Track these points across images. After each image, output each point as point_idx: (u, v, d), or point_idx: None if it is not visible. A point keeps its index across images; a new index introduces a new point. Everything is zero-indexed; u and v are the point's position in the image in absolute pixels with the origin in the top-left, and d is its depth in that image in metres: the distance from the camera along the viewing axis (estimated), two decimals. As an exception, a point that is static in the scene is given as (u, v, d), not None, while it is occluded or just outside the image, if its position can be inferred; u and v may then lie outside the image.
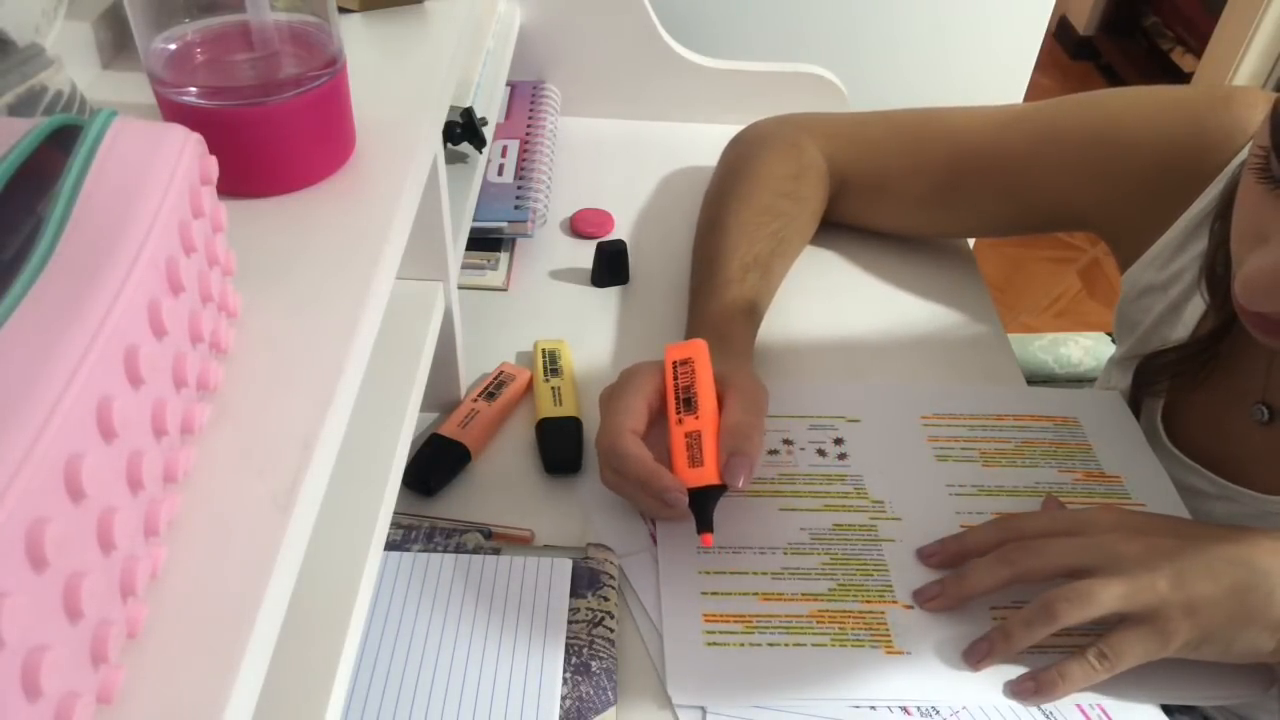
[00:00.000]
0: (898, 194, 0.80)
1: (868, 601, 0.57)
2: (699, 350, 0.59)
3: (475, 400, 0.67)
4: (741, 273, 0.72)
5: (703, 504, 0.55)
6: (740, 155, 0.82)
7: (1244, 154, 0.63)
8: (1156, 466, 0.66)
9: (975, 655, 0.54)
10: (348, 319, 0.36)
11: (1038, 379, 0.99)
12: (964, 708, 0.52)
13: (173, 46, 0.40)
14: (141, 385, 0.25)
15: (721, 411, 0.58)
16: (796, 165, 0.79)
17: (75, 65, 0.45)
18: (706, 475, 0.55)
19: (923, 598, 0.57)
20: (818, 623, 0.56)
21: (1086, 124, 0.71)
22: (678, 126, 1.02)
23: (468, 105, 0.73)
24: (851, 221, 0.84)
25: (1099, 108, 0.71)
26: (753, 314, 0.70)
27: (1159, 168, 0.67)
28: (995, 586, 0.55)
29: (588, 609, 0.55)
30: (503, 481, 0.64)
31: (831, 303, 0.80)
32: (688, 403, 0.57)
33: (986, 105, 0.78)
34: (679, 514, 0.56)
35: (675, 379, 0.59)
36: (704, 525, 0.55)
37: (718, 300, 0.70)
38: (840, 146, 0.80)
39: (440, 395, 0.67)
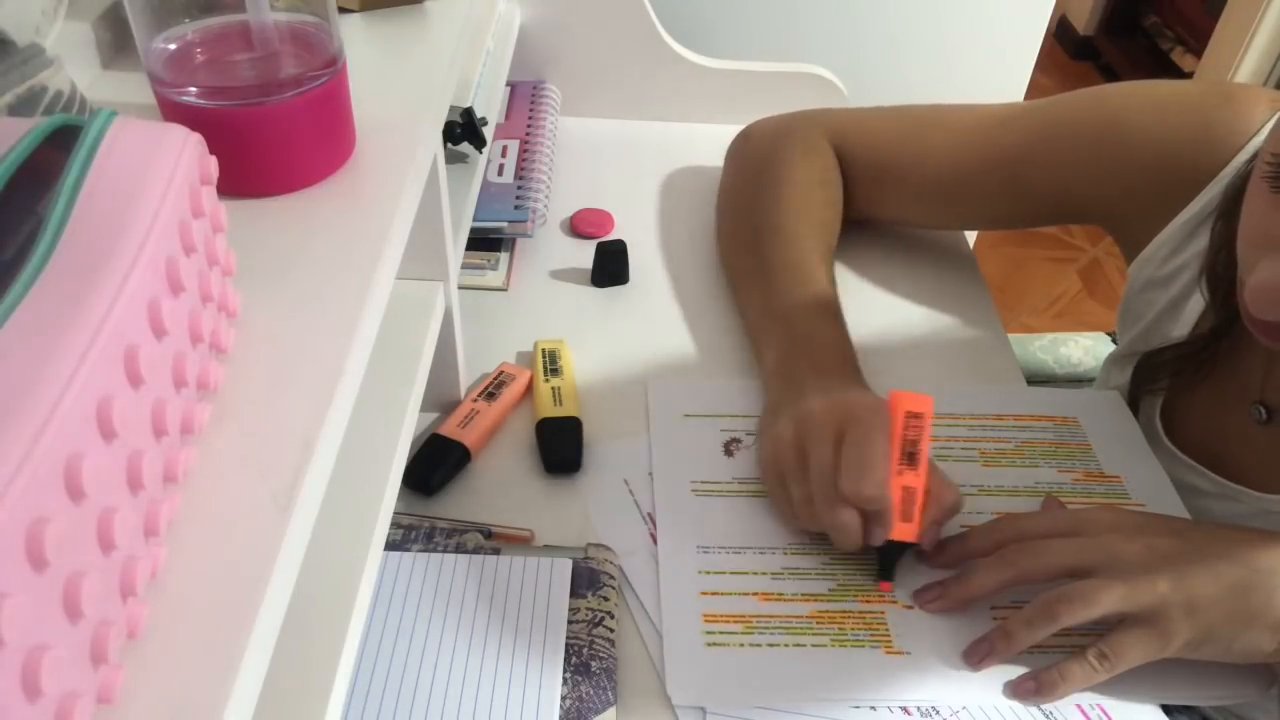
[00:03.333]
0: (899, 185, 0.80)
1: (867, 601, 0.57)
2: (929, 407, 0.59)
3: (475, 400, 0.67)
4: (833, 290, 0.72)
5: (894, 556, 0.58)
6: (772, 159, 0.81)
7: (1245, 153, 0.63)
8: (1156, 466, 0.66)
9: (975, 655, 0.54)
10: (348, 319, 0.36)
11: (1038, 379, 0.99)
12: (964, 708, 0.52)
13: (173, 46, 0.40)
14: (141, 385, 0.25)
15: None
16: (824, 170, 0.80)
17: (75, 65, 0.45)
18: (910, 532, 0.56)
19: (924, 599, 0.57)
20: (817, 623, 0.56)
21: (1088, 119, 0.71)
22: (678, 126, 1.02)
23: (468, 105, 0.73)
24: (855, 213, 0.84)
25: (1101, 102, 0.71)
26: None
27: (1161, 162, 0.67)
28: (996, 588, 0.55)
29: (588, 609, 0.55)
30: (503, 481, 0.64)
31: (831, 303, 0.80)
32: (911, 457, 0.57)
33: (990, 103, 0.78)
34: (851, 545, 0.57)
35: (905, 430, 0.58)
36: (888, 575, 0.58)
37: (832, 325, 0.69)
38: (846, 139, 0.81)
39: (440, 395, 0.67)
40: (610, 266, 0.80)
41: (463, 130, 0.72)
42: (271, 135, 0.41)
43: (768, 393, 0.67)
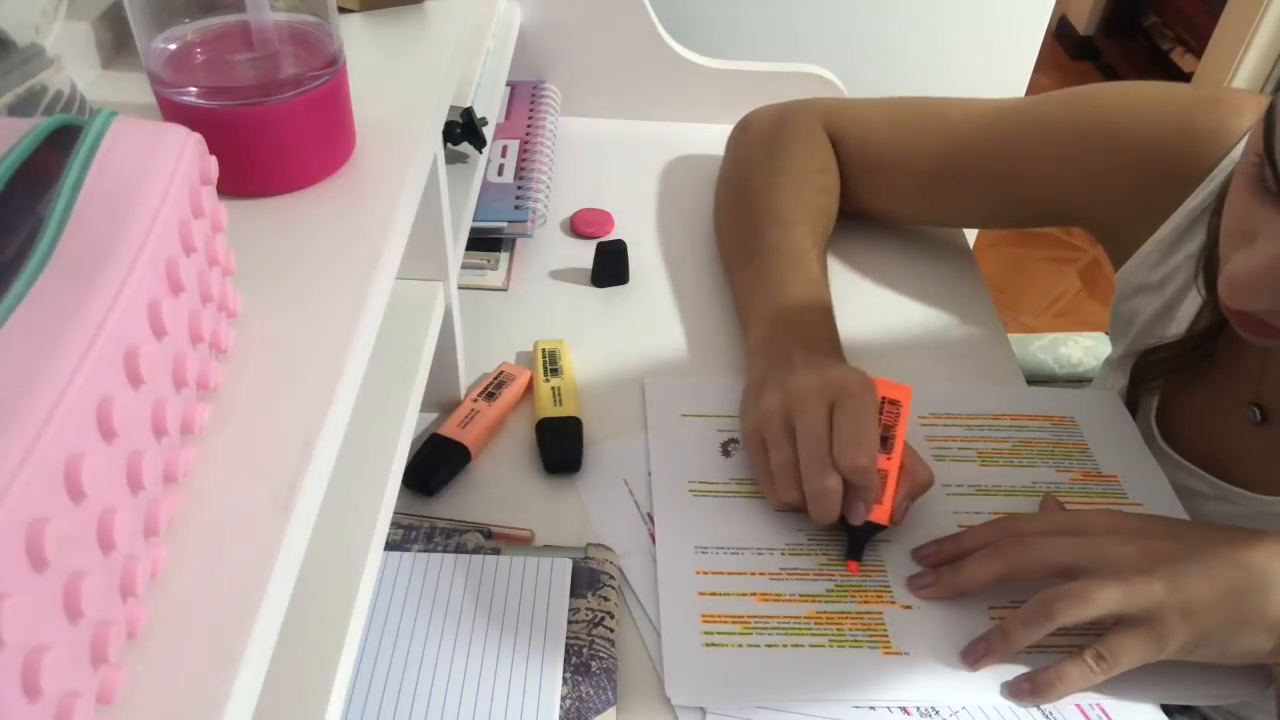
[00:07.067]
0: (890, 179, 0.81)
1: (865, 602, 0.57)
2: (907, 396, 0.61)
3: (475, 400, 0.67)
4: (823, 274, 0.73)
5: (865, 537, 0.59)
6: (769, 146, 0.82)
7: (1239, 150, 0.63)
8: (1154, 466, 0.66)
9: (973, 655, 0.54)
10: (348, 319, 0.36)
11: (1038, 379, 0.99)
12: (963, 708, 0.52)
13: (173, 46, 0.40)
14: (141, 385, 0.25)
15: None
16: (821, 157, 0.81)
17: (75, 65, 0.45)
18: (880, 513, 0.58)
19: (916, 584, 0.57)
20: (816, 623, 0.56)
21: (1076, 119, 0.71)
22: (678, 126, 1.02)
23: (468, 105, 0.73)
24: (847, 206, 0.84)
25: (1088, 103, 0.71)
26: None
27: (1147, 164, 0.67)
28: (988, 579, 0.55)
29: (588, 609, 0.55)
30: (503, 481, 0.64)
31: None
32: (885, 441, 0.59)
33: (986, 98, 0.78)
34: (829, 516, 0.58)
35: (882, 416, 0.60)
36: (856, 554, 0.59)
37: (819, 305, 0.70)
38: (841, 130, 0.82)
39: (440, 395, 0.67)
40: (610, 266, 0.80)
41: (463, 130, 0.72)
42: (271, 135, 0.41)
43: (751, 369, 0.67)
